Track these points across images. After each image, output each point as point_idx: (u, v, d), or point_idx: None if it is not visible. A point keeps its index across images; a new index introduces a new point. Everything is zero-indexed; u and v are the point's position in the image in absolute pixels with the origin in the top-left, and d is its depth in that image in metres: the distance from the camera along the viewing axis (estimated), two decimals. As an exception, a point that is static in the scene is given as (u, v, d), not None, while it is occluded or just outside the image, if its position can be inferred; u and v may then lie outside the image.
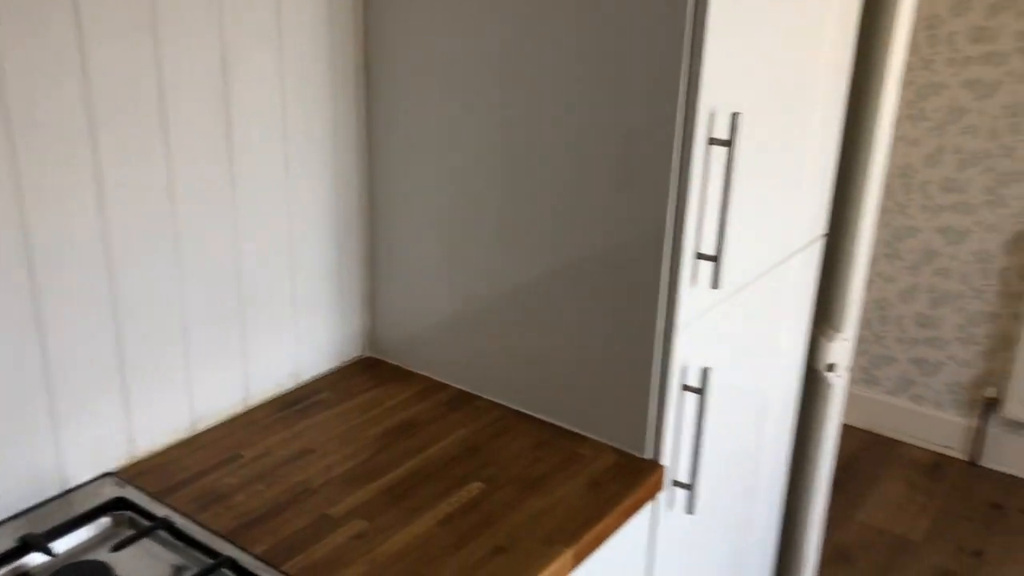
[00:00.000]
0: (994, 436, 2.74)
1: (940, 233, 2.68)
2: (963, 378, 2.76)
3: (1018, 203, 2.54)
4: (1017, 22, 2.42)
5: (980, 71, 2.51)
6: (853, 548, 2.40)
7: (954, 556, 2.38)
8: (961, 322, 2.71)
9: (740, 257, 1.28)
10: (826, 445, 1.74)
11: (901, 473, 2.73)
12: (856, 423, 2.98)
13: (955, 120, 2.57)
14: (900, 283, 2.79)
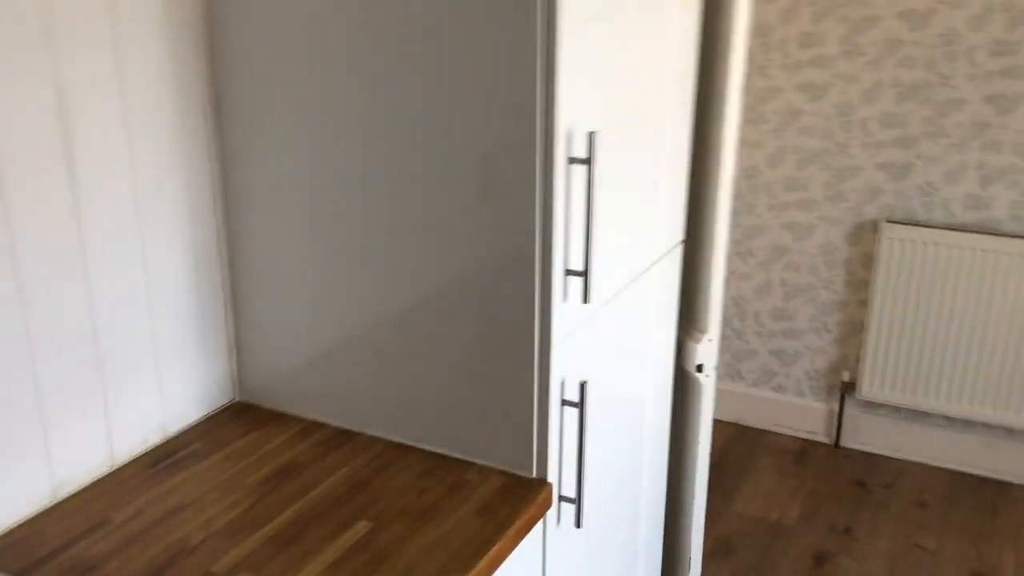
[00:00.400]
0: (852, 418, 2.90)
1: (787, 229, 2.83)
2: (820, 365, 2.91)
3: (855, 196, 2.71)
4: (839, 27, 2.58)
5: (811, 74, 2.66)
6: (733, 539, 2.49)
7: (827, 536, 2.50)
8: (813, 312, 2.86)
9: (607, 270, 1.31)
10: (701, 443, 1.80)
11: (771, 461, 2.85)
12: (725, 417, 3.09)
13: (792, 121, 2.72)
14: (754, 280, 2.92)
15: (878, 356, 2.73)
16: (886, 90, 2.58)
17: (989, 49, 2.44)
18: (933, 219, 2.63)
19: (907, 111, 2.58)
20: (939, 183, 2.59)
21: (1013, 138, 2.48)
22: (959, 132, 2.53)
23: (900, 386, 2.73)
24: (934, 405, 2.70)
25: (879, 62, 2.57)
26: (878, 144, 2.63)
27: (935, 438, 2.80)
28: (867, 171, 2.67)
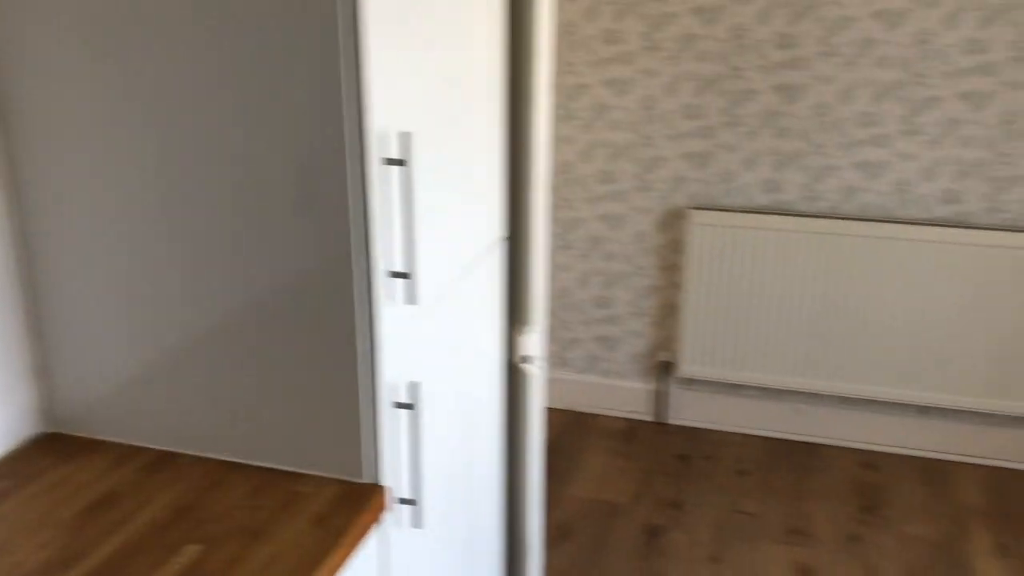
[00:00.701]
0: (673, 395, 3.04)
1: (603, 221, 2.93)
2: (641, 348, 3.04)
3: (662, 186, 2.84)
4: (639, 24, 2.70)
5: (616, 70, 2.77)
6: (571, 522, 2.56)
7: (658, 510, 2.62)
8: (632, 298, 2.98)
9: (431, 270, 1.31)
10: (534, 433, 1.83)
11: (602, 444, 2.95)
12: (556, 404, 3.17)
13: (601, 116, 2.82)
14: (575, 271, 3.01)
15: (693, 335, 2.87)
16: (685, 83, 2.72)
17: (775, 42, 2.62)
18: (734, 203, 2.80)
19: (705, 103, 2.73)
20: (738, 170, 2.76)
21: (800, 124, 2.67)
22: (753, 121, 2.71)
23: (715, 362, 2.89)
24: (747, 377, 2.88)
25: (677, 57, 2.70)
26: (680, 135, 2.77)
27: (750, 408, 2.98)
28: (672, 161, 2.81)
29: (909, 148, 2.62)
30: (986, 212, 2.63)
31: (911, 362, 2.72)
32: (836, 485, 2.73)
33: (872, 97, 2.60)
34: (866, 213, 2.71)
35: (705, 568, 2.38)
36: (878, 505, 2.64)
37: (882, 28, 2.53)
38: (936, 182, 2.63)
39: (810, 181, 2.72)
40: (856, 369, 2.77)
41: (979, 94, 2.53)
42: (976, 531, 2.52)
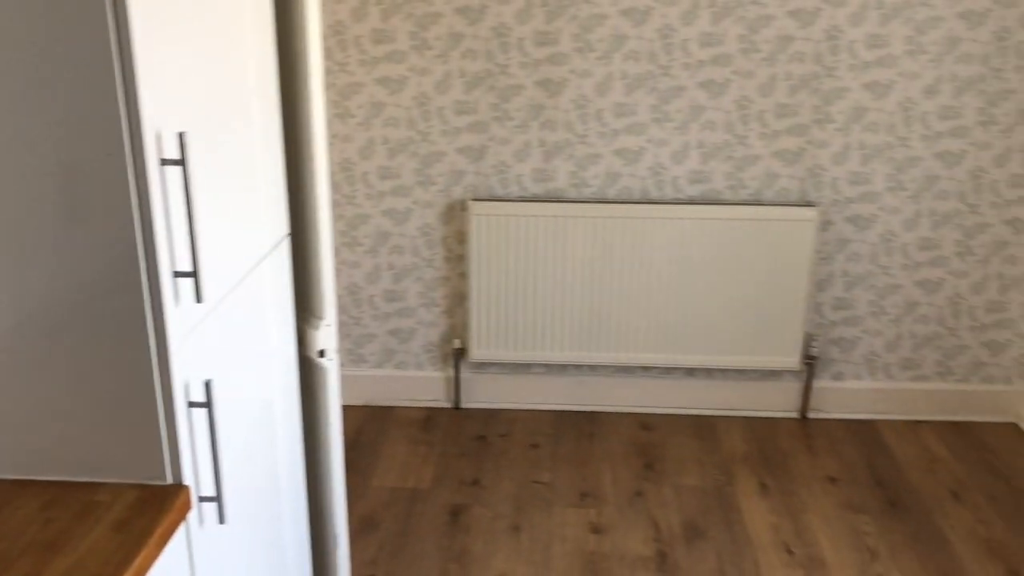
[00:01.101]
0: (467, 380, 3.16)
1: (387, 216, 2.99)
2: (433, 337, 3.13)
3: (442, 179, 2.94)
4: (407, 23, 2.78)
5: (387, 69, 2.84)
6: (376, 513, 2.62)
7: (458, 490, 2.72)
8: (421, 290, 3.07)
9: (217, 268, 1.33)
10: (333, 426, 1.88)
11: (401, 434, 3.02)
12: (354, 401, 3.21)
13: (377, 114, 2.88)
14: (364, 267, 3.06)
15: (481, 321, 3.00)
16: (455, 80, 2.84)
17: (535, 39, 2.78)
18: (510, 193, 2.95)
19: (476, 98, 2.85)
20: (510, 161, 2.91)
21: (564, 116, 2.86)
22: (521, 115, 2.86)
23: (503, 344, 3.03)
24: (533, 356, 3.05)
25: (446, 55, 2.81)
26: (455, 130, 2.89)
27: (538, 385, 3.16)
28: (449, 156, 2.92)
29: (660, 134, 2.87)
30: (730, 189, 2.92)
31: (675, 329, 2.99)
32: (619, 448, 2.95)
33: (625, 89, 2.82)
34: (628, 196, 2.94)
35: (507, 537, 2.51)
36: (656, 462, 2.88)
37: (630, 25, 2.76)
38: (685, 164, 2.90)
39: (577, 169, 2.91)
40: (628, 339, 3.01)
41: (716, 83, 2.81)
42: (741, 476, 2.81)
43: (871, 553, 2.46)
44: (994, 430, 3.08)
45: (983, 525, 2.58)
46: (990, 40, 2.73)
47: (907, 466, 2.86)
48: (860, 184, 2.90)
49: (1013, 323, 3.02)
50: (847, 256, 2.97)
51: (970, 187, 2.88)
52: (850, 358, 3.09)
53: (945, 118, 2.81)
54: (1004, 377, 3.09)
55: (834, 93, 2.80)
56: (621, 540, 2.51)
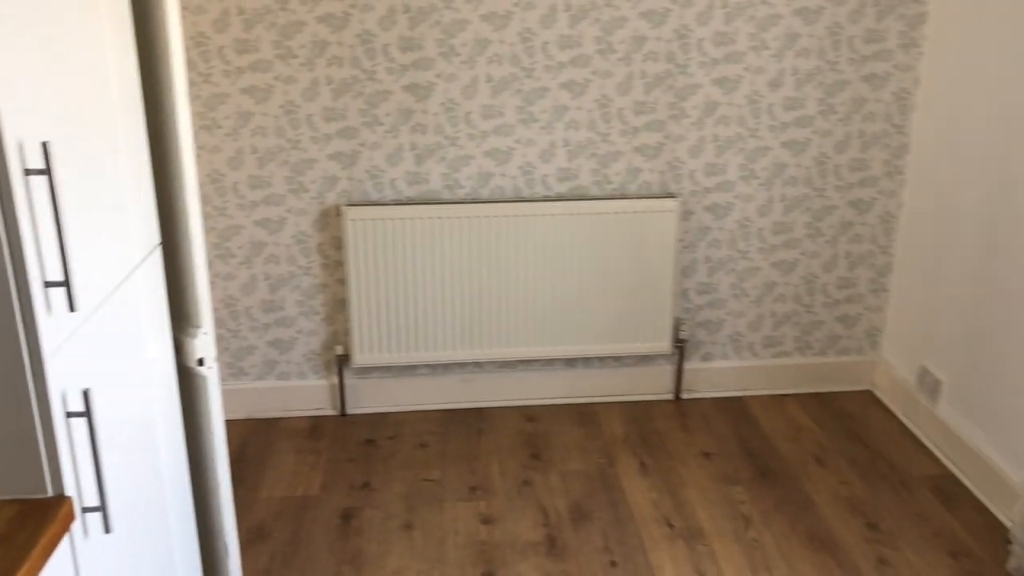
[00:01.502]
0: (352, 386, 3.18)
1: (261, 226, 2.98)
2: (315, 346, 3.13)
3: (315, 186, 2.95)
4: (270, 33, 2.79)
5: (253, 78, 2.83)
6: (266, 523, 2.61)
7: (349, 494, 2.74)
8: (300, 298, 3.07)
9: (89, 277, 1.33)
10: (217, 434, 1.88)
11: (288, 445, 3.01)
12: (237, 415, 3.17)
13: (245, 124, 2.87)
14: (240, 278, 3.03)
15: (363, 326, 3.03)
16: (322, 88, 2.85)
17: (399, 45, 2.83)
18: (384, 197, 2.99)
19: (344, 105, 2.88)
20: (383, 166, 2.95)
21: (434, 120, 2.92)
22: (390, 120, 2.91)
23: (386, 348, 3.06)
24: (417, 357, 3.09)
25: (311, 63, 2.83)
26: (325, 137, 2.91)
27: (424, 386, 3.20)
28: (321, 162, 2.93)
29: (528, 135, 2.96)
30: (596, 184, 3.04)
31: (553, 321, 3.09)
32: (506, 441, 3.03)
33: (491, 91, 2.91)
34: (500, 195, 3.02)
35: (400, 536, 2.55)
36: (542, 451, 2.97)
37: (492, 29, 2.84)
38: (553, 163, 3.00)
39: (449, 171, 2.98)
40: (509, 335, 3.09)
41: (577, 83, 2.93)
42: (622, 457, 2.93)
43: (745, 520, 2.61)
44: (851, 398, 3.30)
45: (844, 485, 2.77)
46: (824, 35, 2.94)
47: (774, 437, 3.05)
48: (716, 175, 3.07)
49: (862, 298, 3.26)
50: (708, 243, 3.14)
51: (816, 172, 3.09)
52: (716, 339, 3.27)
53: (789, 109, 3.01)
54: (857, 348, 3.33)
55: (687, 89, 2.96)
56: (511, 528, 2.58)
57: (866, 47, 2.96)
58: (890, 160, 3.09)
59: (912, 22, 2.95)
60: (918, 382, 3.07)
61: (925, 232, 3.02)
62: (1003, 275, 2.62)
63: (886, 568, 2.41)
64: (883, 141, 3.07)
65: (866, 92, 3.01)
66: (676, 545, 2.50)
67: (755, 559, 2.45)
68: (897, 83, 3.01)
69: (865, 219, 3.16)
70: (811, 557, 2.45)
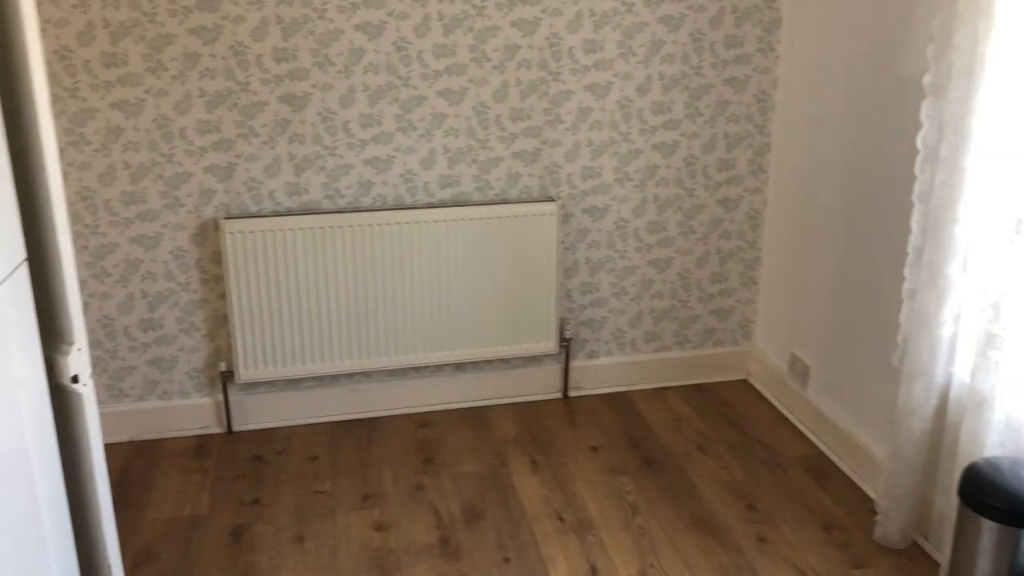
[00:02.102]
0: (237, 402, 3.13)
1: (136, 242, 2.91)
2: (198, 363, 3.08)
3: (191, 200, 2.91)
4: (139, 46, 2.73)
5: (123, 92, 2.77)
6: (153, 544, 2.54)
7: (238, 511, 2.70)
8: (180, 315, 3.01)
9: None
10: (95, 453, 1.83)
11: (173, 465, 2.94)
12: (118, 438, 3.08)
13: (116, 139, 2.80)
14: (116, 297, 2.95)
15: (246, 341, 2.99)
16: (196, 100, 2.82)
17: (273, 56, 2.82)
18: (263, 209, 2.96)
19: (219, 117, 2.85)
20: (261, 177, 2.93)
21: (311, 130, 2.91)
22: (267, 131, 2.89)
23: (272, 362, 3.03)
24: (304, 370, 3.07)
25: (183, 75, 2.79)
26: (200, 150, 2.86)
27: (312, 399, 3.18)
28: (197, 176, 2.89)
29: (407, 142, 2.99)
30: (478, 190, 3.10)
31: (441, 327, 3.12)
32: (398, 448, 3.04)
33: (368, 100, 2.92)
34: (382, 203, 3.04)
35: (292, 548, 2.53)
36: (435, 456, 2.99)
37: (366, 39, 2.86)
38: (434, 170, 3.04)
39: (330, 181, 2.98)
40: (398, 342, 3.10)
41: (454, 91, 2.98)
42: (513, 457, 2.99)
43: (632, 509, 2.70)
44: (728, 387, 3.45)
45: (724, 470, 2.90)
46: (688, 41, 3.08)
47: (658, 428, 3.16)
48: (592, 178, 3.17)
49: (734, 291, 3.41)
50: (588, 244, 3.24)
51: (685, 173, 3.23)
52: (600, 337, 3.36)
53: (658, 113, 3.14)
54: (732, 340, 3.48)
55: (561, 96, 3.05)
56: (405, 533, 2.59)
57: (727, 52, 3.12)
58: (754, 159, 3.26)
59: (768, 27, 3.12)
60: (789, 368, 3.23)
61: (788, 226, 3.19)
62: (859, 263, 2.79)
63: (765, 545, 2.53)
64: (747, 141, 3.23)
65: (729, 95, 3.17)
66: (567, 538, 2.57)
67: (643, 545, 2.53)
68: (757, 85, 3.18)
69: (733, 216, 3.31)
70: (695, 540, 2.56)
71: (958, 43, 2.13)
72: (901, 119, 2.53)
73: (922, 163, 2.30)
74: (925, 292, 2.29)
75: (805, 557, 2.48)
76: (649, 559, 2.48)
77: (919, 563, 2.45)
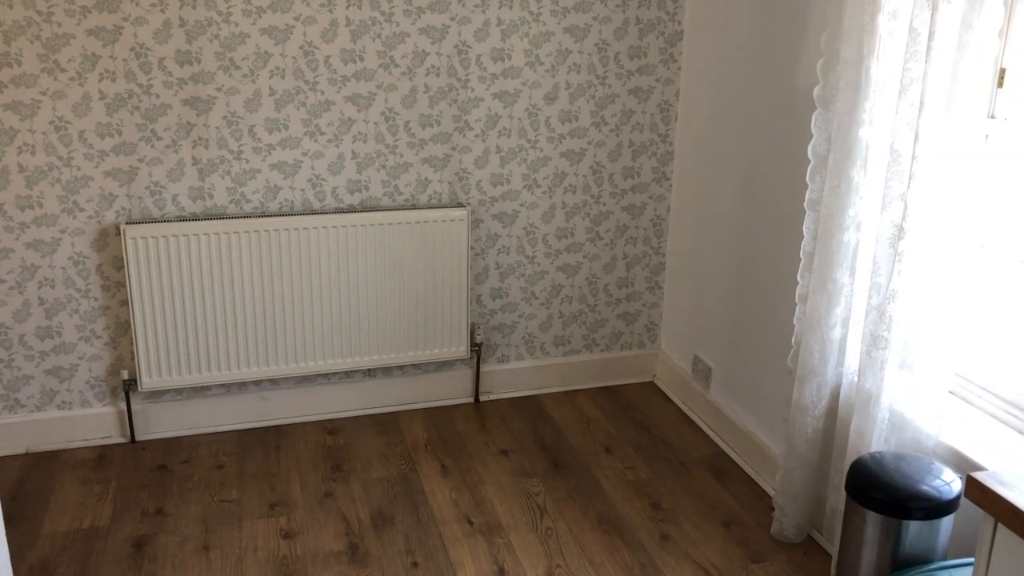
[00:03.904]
0: (141, 411, 3.06)
1: (32, 248, 2.83)
2: (99, 372, 3.00)
3: (91, 205, 2.84)
4: (34, 46, 2.66)
5: (16, 93, 2.68)
6: (50, 559, 2.47)
7: (141, 522, 2.64)
8: (79, 323, 2.93)
9: None
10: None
11: (72, 477, 2.86)
12: (13, 451, 2.98)
13: (9, 142, 2.71)
14: (11, 304, 2.86)
15: (150, 348, 2.93)
16: (95, 102, 2.75)
17: (177, 59, 2.78)
18: (167, 214, 2.91)
19: (119, 120, 2.79)
20: (164, 182, 2.88)
21: (216, 134, 2.88)
22: (170, 134, 2.84)
23: (176, 369, 2.98)
24: (210, 377, 3.02)
25: (82, 77, 2.72)
26: (100, 154, 2.80)
27: (218, 407, 3.13)
28: (97, 180, 2.82)
29: (315, 147, 2.98)
30: (387, 196, 3.10)
31: (350, 333, 3.11)
32: (306, 455, 3.02)
33: (275, 105, 2.90)
34: (289, 208, 3.02)
35: (196, 558, 2.49)
36: (344, 462, 2.98)
37: (272, 43, 2.84)
38: (342, 175, 3.04)
39: (235, 185, 2.94)
40: (306, 349, 3.08)
41: (363, 96, 2.98)
42: (423, 461, 3.00)
43: (540, 510, 2.74)
44: (636, 389, 3.53)
45: (631, 470, 2.97)
46: (593, 51, 3.15)
47: (567, 430, 3.21)
48: (501, 184, 3.20)
49: (640, 295, 3.49)
50: (497, 250, 3.27)
51: (592, 180, 3.30)
52: (511, 341, 3.40)
53: (565, 121, 3.20)
54: (639, 343, 3.56)
55: (470, 103, 3.08)
56: (312, 540, 2.58)
57: (631, 62, 3.20)
58: (658, 167, 3.35)
59: (671, 39, 3.21)
60: (692, 370, 3.33)
61: (690, 232, 3.29)
62: (754, 268, 2.90)
63: (667, 543, 2.60)
64: (651, 150, 3.32)
65: (633, 104, 3.25)
66: (475, 541, 2.59)
67: (550, 546, 2.58)
68: (660, 95, 3.26)
69: (638, 223, 3.40)
70: (601, 539, 2.61)
71: (845, 57, 2.24)
72: (794, 129, 2.64)
73: (812, 172, 2.40)
74: (816, 296, 2.39)
75: (706, 553, 2.56)
76: (556, 560, 2.52)
77: (813, 556, 2.56)
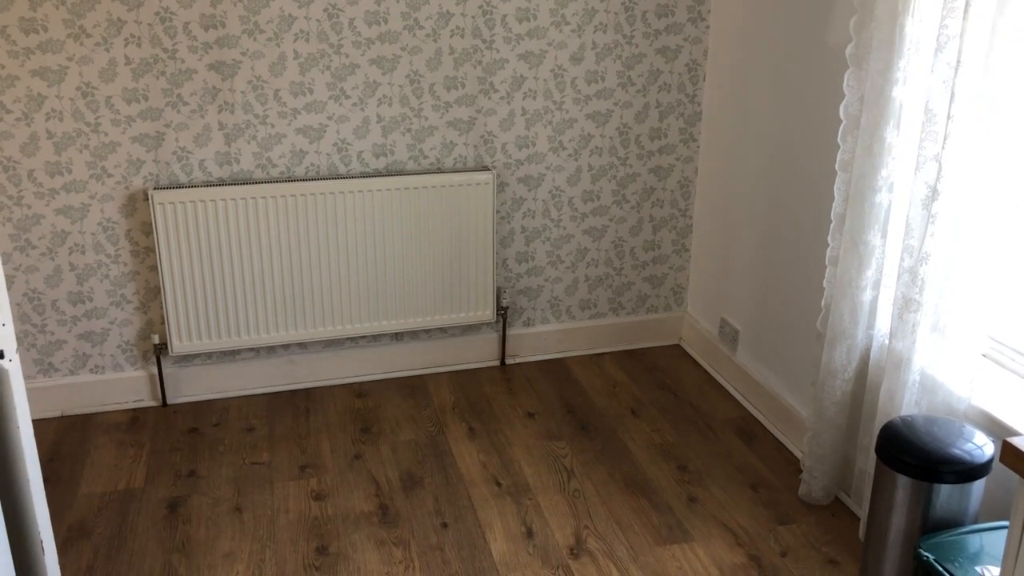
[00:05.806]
0: (172, 375, 3.10)
1: (62, 214, 2.85)
2: (130, 336, 3.03)
3: (119, 171, 2.85)
4: (60, 11, 2.65)
5: (44, 59, 2.69)
6: (87, 519, 2.52)
7: (175, 484, 2.69)
8: (110, 288, 2.96)
9: None
10: (23, 431, 1.80)
11: (106, 440, 2.91)
12: (49, 414, 3.03)
13: (38, 108, 2.73)
14: (42, 270, 2.89)
15: (179, 313, 2.95)
16: (121, 68, 2.75)
17: (201, 23, 2.77)
18: (194, 179, 2.92)
19: (145, 85, 2.79)
20: (191, 147, 2.88)
21: (241, 99, 2.87)
22: (196, 99, 2.84)
23: (206, 334, 3.00)
24: (239, 342, 3.05)
25: (108, 42, 2.72)
26: (127, 119, 2.80)
27: (248, 370, 3.16)
28: (125, 146, 2.83)
29: (340, 111, 2.97)
30: (412, 160, 3.09)
31: (378, 297, 3.12)
32: (335, 418, 3.05)
33: (300, 68, 2.89)
34: (316, 173, 3.02)
35: (230, 519, 2.53)
36: (373, 425, 3.01)
37: (296, 6, 2.82)
38: (368, 139, 3.03)
39: (261, 150, 2.94)
40: (334, 313, 3.10)
41: (387, 59, 2.96)
42: (451, 424, 3.02)
43: (568, 472, 2.76)
44: (662, 352, 3.53)
45: (657, 433, 2.97)
46: (620, 10, 3.10)
47: (593, 393, 3.22)
48: (527, 147, 3.18)
49: (666, 258, 3.48)
50: (523, 213, 3.26)
51: (619, 142, 3.27)
52: (536, 305, 3.40)
53: (591, 82, 3.16)
54: (665, 306, 3.55)
55: (495, 64, 3.05)
56: (343, 502, 2.61)
57: (658, 21, 3.15)
58: (685, 128, 3.31)
59: (698, -2, 3.16)
60: (719, 333, 3.32)
61: (718, 194, 3.26)
62: (782, 230, 2.87)
63: (695, 504, 2.62)
64: (678, 111, 3.28)
65: (660, 64, 3.20)
66: (504, 502, 2.62)
67: (578, 507, 2.59)
68: (688, 55, 3.22)
69: (665, 185, 3.37)
70: (628, 501, 2.63)
71: (878, 14, 2.19)
72: (826, 89, 2.60)
73: (843, 132, 2.37)
74: (847, 258, 2.37)
75: (733, 515, 2.57)
76: (584, 521, 2.54)
77: (841, 517, 2.56)
